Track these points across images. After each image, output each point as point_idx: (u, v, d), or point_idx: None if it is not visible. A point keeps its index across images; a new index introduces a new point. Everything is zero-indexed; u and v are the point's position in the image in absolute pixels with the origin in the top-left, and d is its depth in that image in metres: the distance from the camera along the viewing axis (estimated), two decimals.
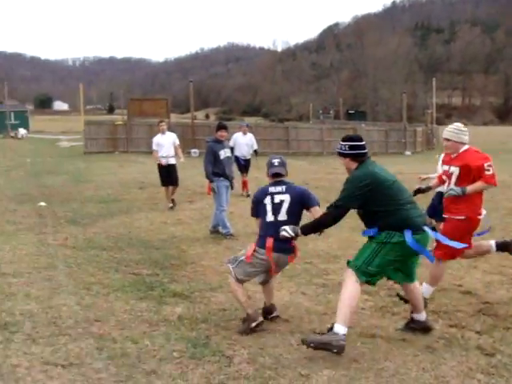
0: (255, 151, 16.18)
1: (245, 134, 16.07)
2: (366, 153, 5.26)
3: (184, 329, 5.52)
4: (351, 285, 5.02)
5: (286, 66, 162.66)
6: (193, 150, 31.13)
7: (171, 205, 13.02)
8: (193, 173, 18.21)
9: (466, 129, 6.27)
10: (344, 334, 4.83)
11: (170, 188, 13.25)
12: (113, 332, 5.39)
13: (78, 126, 53.02)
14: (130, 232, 10.37)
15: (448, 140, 6.22)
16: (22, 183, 17.82)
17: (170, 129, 13.71)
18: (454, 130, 6.21)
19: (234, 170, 11.35)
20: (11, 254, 8.41)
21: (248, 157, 16.07)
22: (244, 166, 16.03)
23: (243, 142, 15.92)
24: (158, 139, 13.35)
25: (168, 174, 13.16)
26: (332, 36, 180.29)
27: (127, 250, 8.89)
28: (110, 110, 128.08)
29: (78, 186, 17.25)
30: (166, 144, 13.24)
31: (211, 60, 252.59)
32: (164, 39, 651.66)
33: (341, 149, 5.27)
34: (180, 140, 13.82)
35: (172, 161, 13.31)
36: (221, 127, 10.40)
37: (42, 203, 13.34)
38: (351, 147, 5.25)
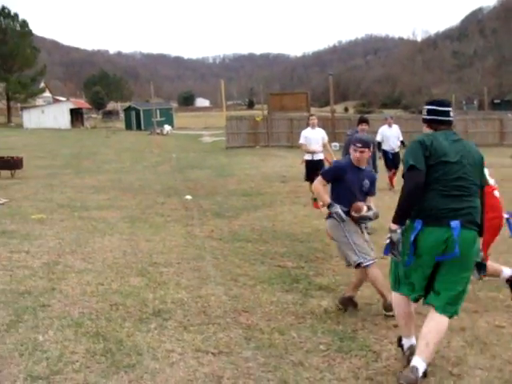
0: (402, 142, 15.61)
1: (390, 126, 15.63)
2: (446, 121, 4.36)
3: (330, 322, 5.49)
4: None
5: (427, 56, 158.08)
6: (333, 144, 30.72)
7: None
8: None
9: None
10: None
11: None
12: (260, 323, 5.47)
13: (219, 122, 54.46)
14: (274, 225, 10.48)
15: None
16: (168, 177, 18.54)
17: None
18: None
19: (381, 165, 11.15)
20: (161, 244, 8.77)
21: (396, 149, 15.39)
22: (392, 160, 15.30)
23: (391, 135, 15.49)
24: (307, 133, 13.07)
25: (314, 170, 12.55)
26: (475, 22, 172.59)
27: (272, 242, 9.00)
28: (250, 105, 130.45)
29: (221, 179, 17.70)
30: (314, 139, 12.95)
31: (349, 52, 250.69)
32: (302, 34, 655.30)
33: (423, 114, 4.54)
34: None
35: (319, 156, 13.03)
36: (362, 120, 10.28)
37: (188, 196, 13.81)
38: (429, 112, 4.43)
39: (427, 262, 4.18)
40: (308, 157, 13.07)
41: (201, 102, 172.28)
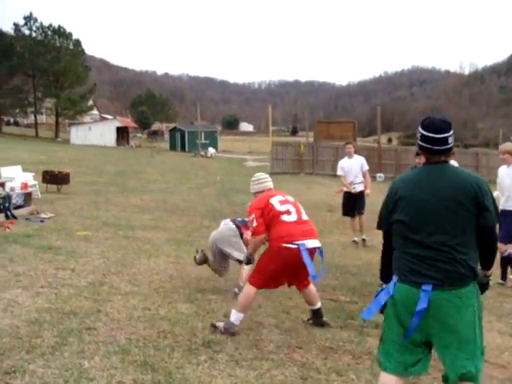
0: None
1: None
2: (441, 151, 3.57)
3: None
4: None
5: (473, 90, 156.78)
6: (378, 175, 30.68)
7: (355, 239, 11.67)
8: (379, 198, 17.70)
9: (257, 178, 6.35)
10: None
11: (356, 218, 11.83)
12: (316, 361, 5.15)
13: (262, 147, 54.41)
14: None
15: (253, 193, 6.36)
16: (212, 200, 18.36)
17: (357, 152, 12.76)
18: (251, 181, 6.36)
19: None
20: (209, 270, 8.50)
21: None
22: None
23: None
24: (343, 163, 12.01)
25: (353, 202, 11.75)
26: None
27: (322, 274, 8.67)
28: (294, 132, 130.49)
29: None
30: (352, 169, 11.82)
31: (394, 83, 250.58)
32: (348, 63, 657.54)
33: None
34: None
35: (359, 187, 11.80)
36: (419, 153, 9.77)
37: None
38: (423, 138, 3.62)
39: (404, 318, 3.56)
40: (346, 188, 11.97)
41: (245, 126, 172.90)
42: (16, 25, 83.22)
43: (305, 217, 5.98)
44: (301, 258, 5.54)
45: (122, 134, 74.60)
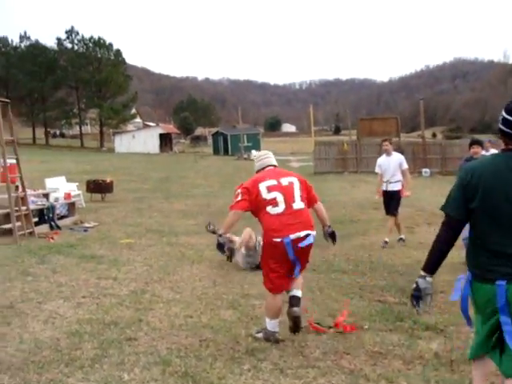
0: None
1: (487, 151, 14.01)
2: None
3: (443, 370, 4.84)
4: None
5: None
6: (424, 170, 30.11)
7: (386, 239, 10.88)
8: (426, 193, 17.31)
9: (257, 156, 6.12)
10: None
11: (390, 219, 11.16)
12: (364, 367, 4.89)
13: (305, 147, 54.09)
14: (370, 255, 9.87)
15: None
16: None
17: (400, 148, 12.10)
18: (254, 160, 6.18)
19: None
20: (252, 274, 8.33)
21: None
22: None
23: None
24: (381, 161, 11.35)
25: (389, 202, 11.17)
26: None
27: (369, 274, 8.40)
28: (336, 131, 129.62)
29: None
30: (390, 167, 11.11)
31: (437, 77, 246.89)
32: (388, 59, 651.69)
33: None
34: (410, 160, 11.55)
35: (395, 186, 11.07)
36: (473, 143, 9.33)
37: None
38: (505, 122, 3.31)
39: (486, 316, 3.45)
40: (383, 187, 11.34)
41: (287, 127, 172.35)
42: (59, 39, 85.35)
43: (297, 205, 5.55)
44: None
45: (165, 140, 75.11)
